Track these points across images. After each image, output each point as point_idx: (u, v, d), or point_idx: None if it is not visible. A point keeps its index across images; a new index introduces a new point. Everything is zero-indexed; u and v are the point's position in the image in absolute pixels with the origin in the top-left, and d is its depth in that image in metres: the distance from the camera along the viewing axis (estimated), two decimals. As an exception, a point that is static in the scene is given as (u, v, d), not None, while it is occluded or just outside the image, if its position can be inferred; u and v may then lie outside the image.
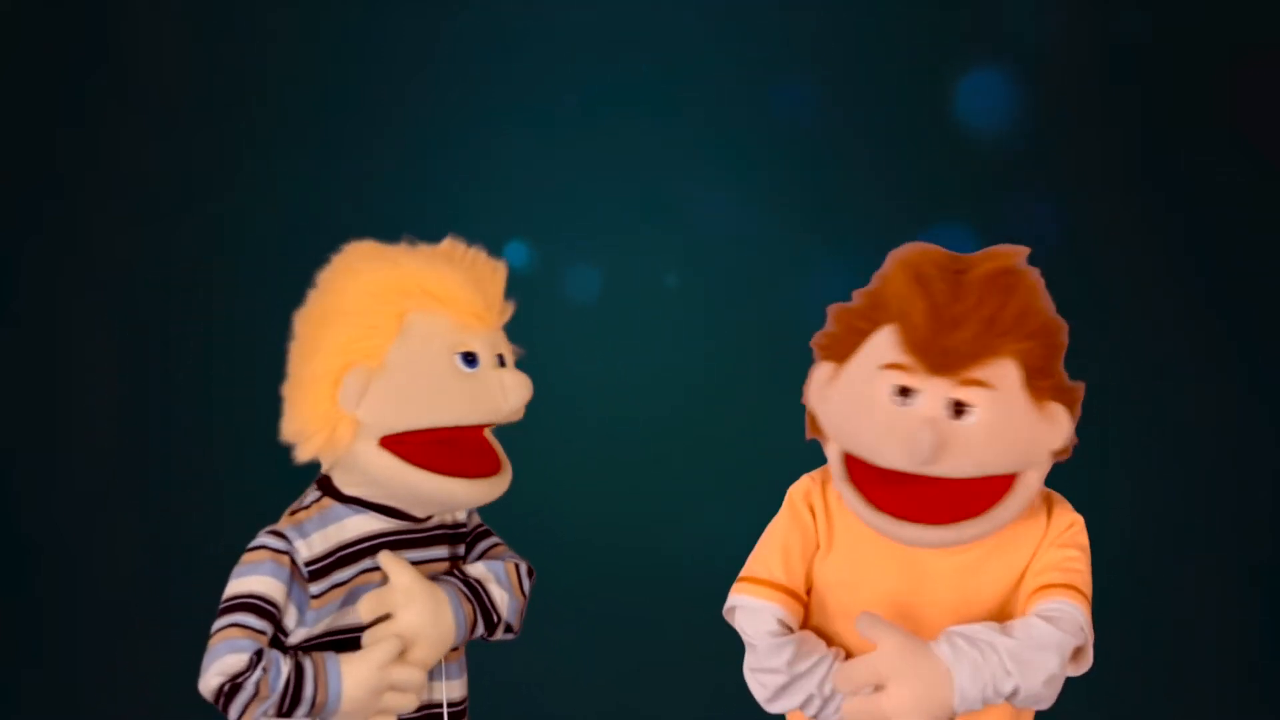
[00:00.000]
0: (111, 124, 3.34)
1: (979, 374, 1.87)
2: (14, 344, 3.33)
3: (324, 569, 1.99)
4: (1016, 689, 1.88)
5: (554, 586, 2.16)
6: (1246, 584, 3.35)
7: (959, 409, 1.87)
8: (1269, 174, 3.32)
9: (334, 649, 1.99)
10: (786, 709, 1.99)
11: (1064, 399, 1.92)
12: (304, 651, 1.97)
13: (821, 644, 1.97)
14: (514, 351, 2.07)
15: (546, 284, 3.31)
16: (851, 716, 1.91)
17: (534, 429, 2.11)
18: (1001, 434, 1.88)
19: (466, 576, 2.07)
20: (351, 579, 2.00)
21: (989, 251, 1.94)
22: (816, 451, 2.04)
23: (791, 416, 2.00)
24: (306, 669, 1.95)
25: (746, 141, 3.37)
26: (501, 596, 2.07)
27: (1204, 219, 3.34)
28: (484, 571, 2.08)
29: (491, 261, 2.07)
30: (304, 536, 1.99)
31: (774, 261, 3.33)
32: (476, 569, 2.08)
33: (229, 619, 1.94)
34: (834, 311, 1.98)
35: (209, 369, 3.33)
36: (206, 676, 1.93)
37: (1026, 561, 1.97)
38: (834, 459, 1.96)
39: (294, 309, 2.03)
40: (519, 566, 2.11)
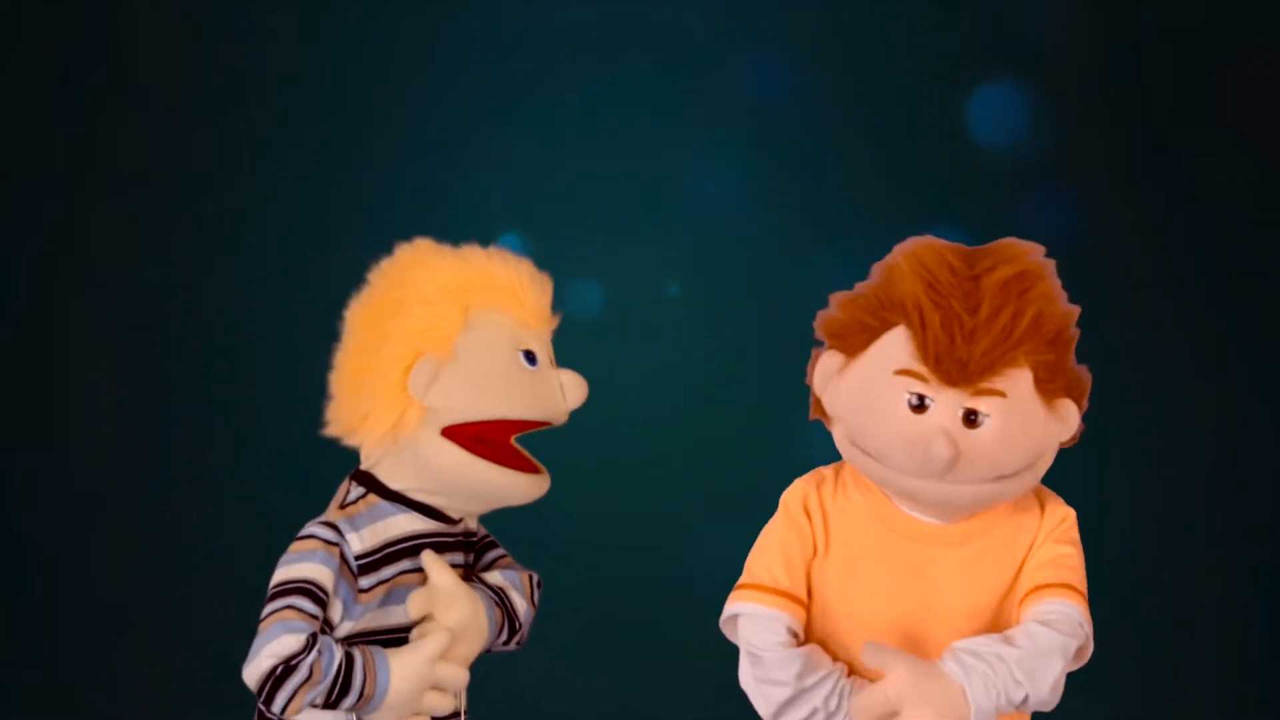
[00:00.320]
0: (111, 124, 3.33)
1: (993, 384, 1.87)
2: (14, 344, 3.33)
3: (373, 564, 1.96)
4: (1027, 697, 1.89)
5: (555, 587, 2.15)
6: (1246, 584, 3.35)
7: (971, 417, 1.88)
8: (1269, 174, 3.32)
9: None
10: (789, 723, 1.98)
11: (1073, 393, 1.93)
12: (352, 643, 1.95)
13: (827, 659, 1.96)
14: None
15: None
16: None
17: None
18: (1013, 438, 1.88)
19: (487, 584, 2.06)
20: (392, 578, 1.98)
21: (1003, 250, 1.93)
22: (816, 452, 2.04)
23: (791, 416, 2.00)
24: (357, 658, 1.92)
25: (747, 141, 3.37)
26: (521, 605, 2.07)
27: (1204, 219, 3.34)
28: (503, 580, 2.07)
29: (540, 271, 2.06)
30: (356, 530, 1.96)
31: (774, 262, 3.33)
32: (495, 577, 2.07)
33: (282, 602, 1.90)
34: (839, 300, 1.97)
35: (209, 369, 3.33)
36: (258, 659, 1.88)
37: (1024, 555, 1.97)
38: (841, 438, 1.95)
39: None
40: (531, 578, 2.11)
